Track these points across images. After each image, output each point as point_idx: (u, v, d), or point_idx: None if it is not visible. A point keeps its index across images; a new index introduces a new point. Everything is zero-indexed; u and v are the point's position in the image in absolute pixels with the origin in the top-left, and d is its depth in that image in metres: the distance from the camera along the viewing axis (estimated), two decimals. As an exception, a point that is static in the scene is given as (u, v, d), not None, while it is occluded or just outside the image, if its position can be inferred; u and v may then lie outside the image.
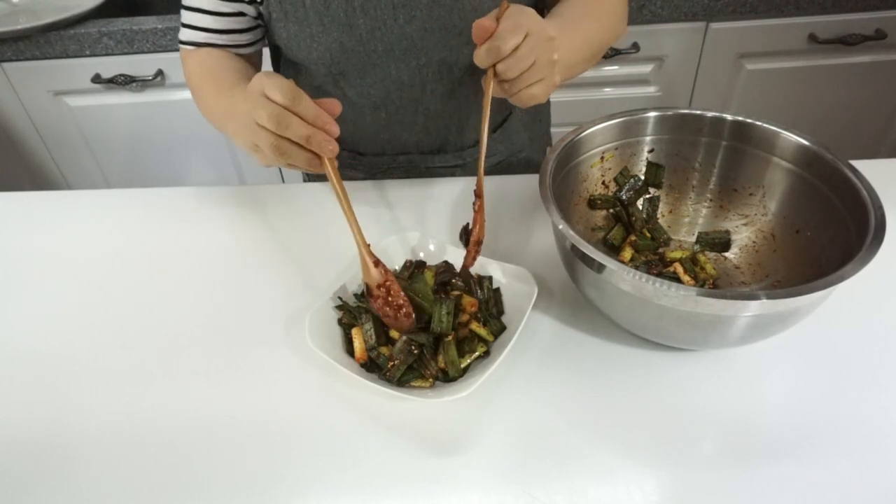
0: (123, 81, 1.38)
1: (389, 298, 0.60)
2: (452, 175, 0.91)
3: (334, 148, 0.57)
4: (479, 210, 0.63)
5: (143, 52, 1.36)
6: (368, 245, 0.61)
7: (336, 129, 0.57)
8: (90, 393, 0.62)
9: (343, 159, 0.92)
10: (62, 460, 0.56)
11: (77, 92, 1.43)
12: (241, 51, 0.82)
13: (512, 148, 0.94)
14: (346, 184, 0.62)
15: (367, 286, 0.61)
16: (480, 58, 0.59)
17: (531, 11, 0.60)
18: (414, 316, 0.61)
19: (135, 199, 0.88)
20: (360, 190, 0.86)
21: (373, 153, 0.90)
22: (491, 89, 0.60)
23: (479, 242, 0.63)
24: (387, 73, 0.78)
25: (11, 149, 1.54)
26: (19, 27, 1.29)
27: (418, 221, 0.80)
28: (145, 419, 0.59)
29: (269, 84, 0.56)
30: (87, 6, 1.36)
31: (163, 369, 0.64)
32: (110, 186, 1.64)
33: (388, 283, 0.60)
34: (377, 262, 0.61)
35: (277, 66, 0.88)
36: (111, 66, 1.37)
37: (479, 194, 0.63)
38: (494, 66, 0.59)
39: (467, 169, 0.92)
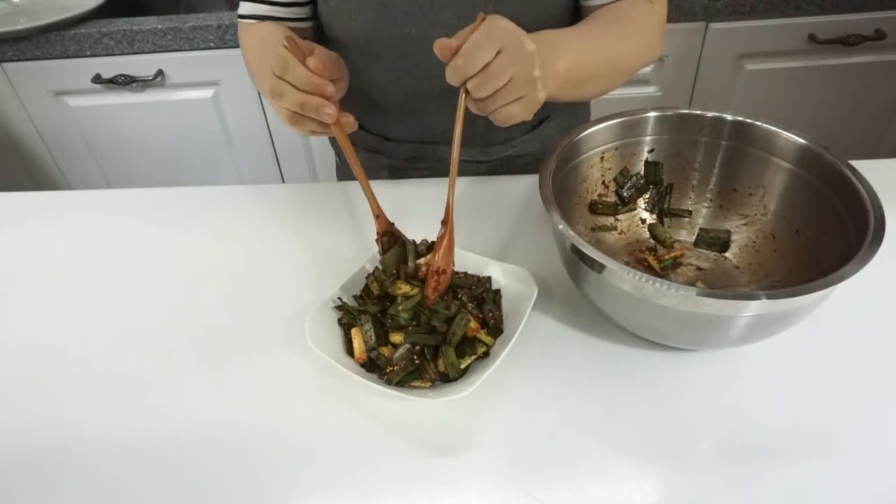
0: (124, 81, 1.38)
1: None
2: (477, 172, 0.90)
3: (331, 112, 0.56)
4: (441, 237, 0.59)
5: (143, 53, 1.36)
6: (375, 199, 0.66)
7: (331, 90, 0.56)
8: (89, 393, 0.62)
9: (371, 144, 0.91)
10: (60, 460, 0.56)
11: (77, 92, 1.43)
12: (302, 24, 0.81)
13: (543, 150, 0.92)
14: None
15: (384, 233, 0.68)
16: (449, 76, 0.55)
17: (506, 24, 0.55)
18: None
19: (135, 199, 0.88)
20: (357, 189, 0.86)
21: (399, 139, 0.89)
22: (463, 108, 0.56)
23: (438, 272, 0.59)
24: (419, 61, 0.77)
25: (12, 149, 1.54)
26: (20, 27, 1.29)
27: (417, 221, 0.80)
28: (144, 419, 0.59)
29: (274, 54, 0.57)
30: (87, 6, 1.37)
31: (162, 369, 0.64)
32: (110, 186, 1.64)
33: (390, 229, 0.67)
34: (378, 215, 0.66)
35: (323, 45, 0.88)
36: (111, 66, 1.37)
37: (445, 221, 0.59)
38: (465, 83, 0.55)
39: (492, 167, 0.91)
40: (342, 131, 0.60)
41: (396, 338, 0.61)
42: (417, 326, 0.62)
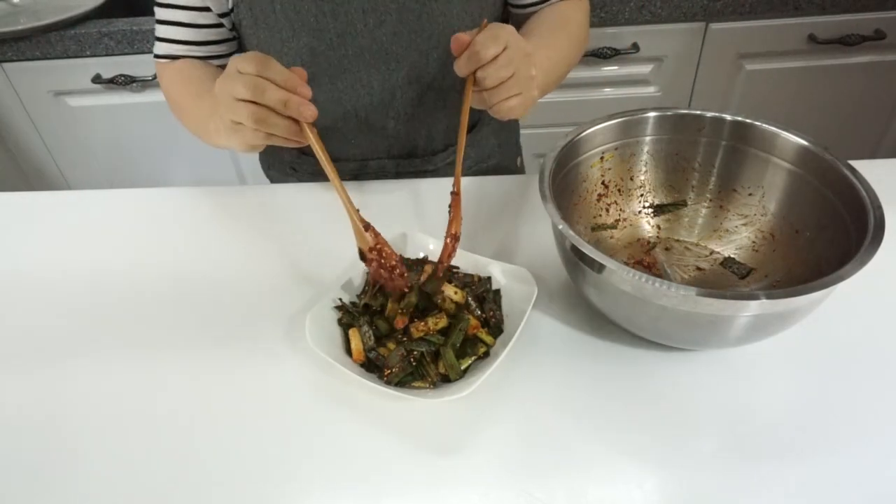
0: (124, 82, 1.38)
1: (382, 260, 0.61)
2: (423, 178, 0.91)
3: (312, 111, 0.58)
4: (455, 206, 0.63)
5: (143, 53, 1.36)
6: (358, 210, 0.62)
7: (308, 91, 0.58)
8: (89, 392, 0.62)
9: (313, 165, 0.91)
10: (60, 462, 0.57)
11: (77, 92, 1.43)
12: (218, 62, 0.82)
13: (481, 154, 0.95)
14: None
15: (361, 251, 0.63)
16: (461, 66, 0.61)
17: (510, 27, 0.62)
18: (407, 275, 0.62)
19: (135, 199, 0.88)
20: (357, 189, 0.86)
21: (343, 158, 0.89)
22: (469, 98, 0.62)
23: (456, 238, 0.64)
24: (357, 79, 0.79)
25: (12, 149, 1.54)
26: (20, 27, 1.29)
27: (405, 219, 0.80)
28: (145, 419, 0.59)
29: (240, 59, 0.58)
30: (87, 6, 1.36)
31: (161, 369, 0.64)
32: (110, 186, 1.63)
33: (378, 245, 0.62)
34: (367, 226, 0.62)
35: None
36: (111, 66, 1.37)
37: (456, 192, 0.64)
38: (474, 74, 0.61)
39: (438, 174, 0.92)
40: (317, 135, 0.59)
41: (390, 345, 0.61)
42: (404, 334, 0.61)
